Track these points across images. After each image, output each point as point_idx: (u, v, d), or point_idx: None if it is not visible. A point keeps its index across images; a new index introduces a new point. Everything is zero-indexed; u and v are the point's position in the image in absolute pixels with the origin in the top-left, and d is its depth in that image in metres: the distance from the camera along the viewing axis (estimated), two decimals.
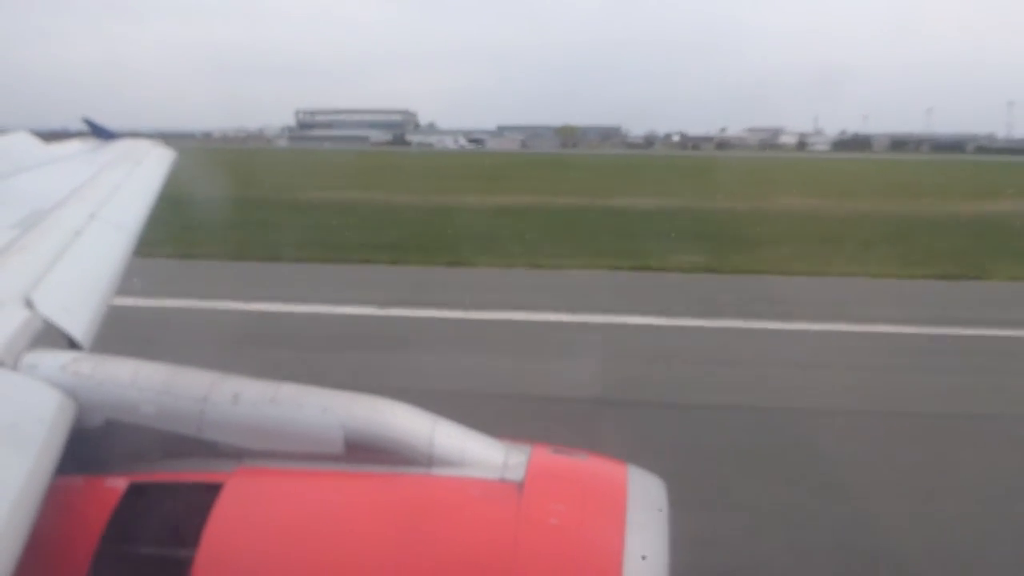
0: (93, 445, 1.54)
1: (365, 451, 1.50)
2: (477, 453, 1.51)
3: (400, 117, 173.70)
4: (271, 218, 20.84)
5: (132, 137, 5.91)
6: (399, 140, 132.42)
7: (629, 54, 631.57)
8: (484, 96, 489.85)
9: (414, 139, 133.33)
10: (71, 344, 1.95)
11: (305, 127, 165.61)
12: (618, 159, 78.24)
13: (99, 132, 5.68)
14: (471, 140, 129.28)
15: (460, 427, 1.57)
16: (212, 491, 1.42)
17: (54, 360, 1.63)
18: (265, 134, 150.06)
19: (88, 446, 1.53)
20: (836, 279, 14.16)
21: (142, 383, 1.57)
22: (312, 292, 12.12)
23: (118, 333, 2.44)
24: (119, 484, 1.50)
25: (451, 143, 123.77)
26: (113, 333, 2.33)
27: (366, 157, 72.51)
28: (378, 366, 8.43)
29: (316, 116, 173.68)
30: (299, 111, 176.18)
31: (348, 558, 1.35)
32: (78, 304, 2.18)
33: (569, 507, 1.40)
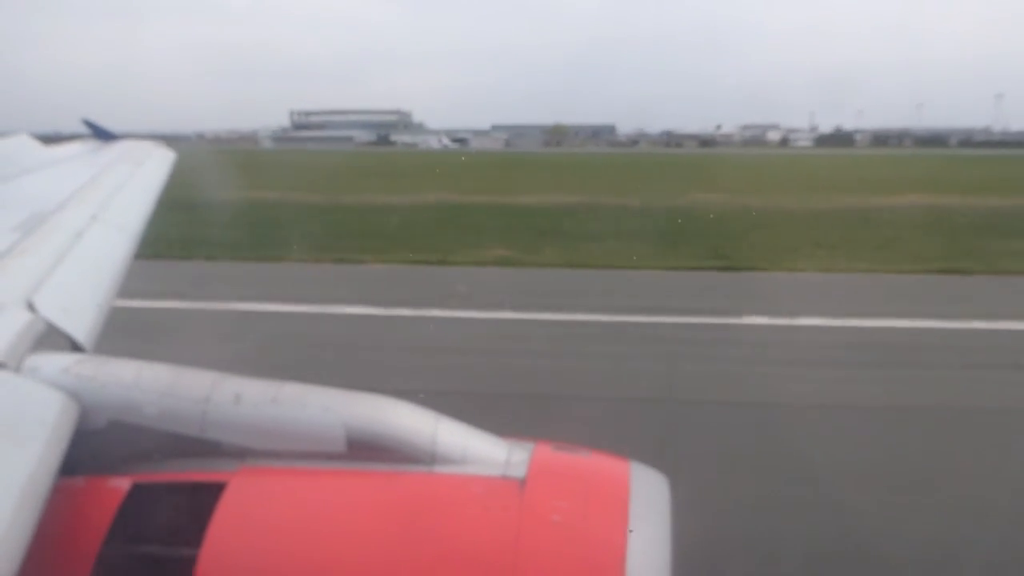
0: (96, 446, 1.53)
1: (367, 450, 1.49)
2: (479, 451, 1.51)
3: (394, 117, 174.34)
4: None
5: (131, 138, 5.85)
6: (383, 140, 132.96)
7: (628, 52, 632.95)
8: (483, 95, 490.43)
9: (400, 139, 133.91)
10: (73, 346, 1.94)
11: (300, 128, 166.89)
12: (584, 158, 78.10)
13: (99, 133, 5.62)
14: (454, 140, 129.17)
15: (462, 425, 1.56)
16: (215, 491, 1.42)
17: (57, 362, 1.62)
18: (259, 136, 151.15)
19: (91, 447, 1.52)
20: (595, 271, 14.22)
21: (145, 384, 1.56)
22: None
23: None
24: (122, 485, 1.49)
25: (435, 143, 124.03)
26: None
27: (329, 157, 70.86)
28: None
29: (310, 117, 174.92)
30: (293, 112, 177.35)
31: (351, 556, 1.34)
32: (80, 306, 2.17)
33: (571, 504, 1.39)
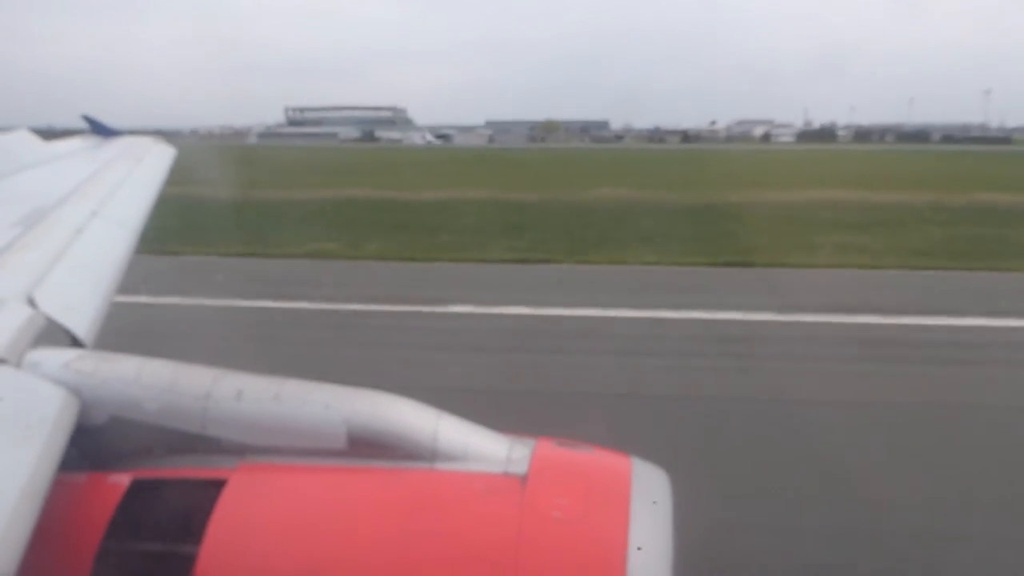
0: (97, 442, 1.53)
1: (368, 446, 1.48)
2: (480, 447, 1.50)
3: (390, 114, 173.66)
4: None
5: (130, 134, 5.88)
6: (368, 137, 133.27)
7: (627, 47, 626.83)
8: (483, 91, 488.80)
9: (385, 135, 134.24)
10: (74, 342, 1.92)
11: (295, 124, 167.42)
12: (552, 153, 77.41)
13: (99, 129, 5.62)
14: (438, 136, 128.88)
15: (463, 421, 1.56)
16: (216, 487, 1.41)
17: (57, 358, 1.61)
18: (254, 131, 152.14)
19: (92, 443, 1.52)
20: (382, 263, 14.68)
21: (145, 380, 1.55)
22: None
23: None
24: (123, 480, 1.48)
25: (418, 139, 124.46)
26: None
27: (298, 153, 71.01)
28: None
29: (305, 113, 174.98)
30: (288, 108, 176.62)
31: (352, 553, 1.33)
32: (81, 302, 2.15)
33: (573, 500, 1.38)
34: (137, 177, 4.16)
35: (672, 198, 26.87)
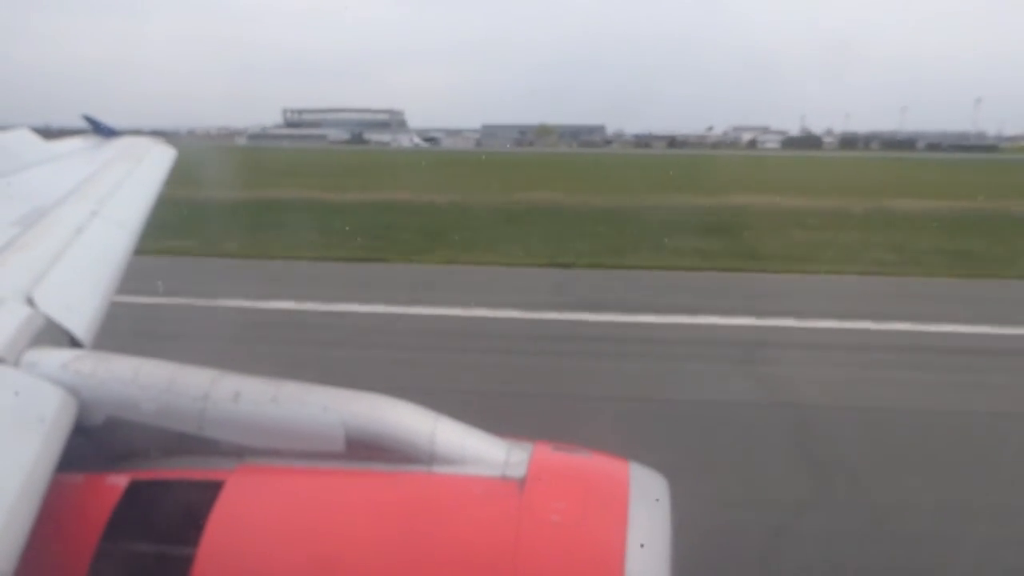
0: (94, 443, 1.52)
1: (366, 449, 1.47)
2: (478, 451, 1.49)
3: (387, 116, 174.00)
4: None
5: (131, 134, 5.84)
6: (357, 139, 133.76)
7: (628, 52, 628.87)
8: (482, 94, 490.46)
9: (374, 138, 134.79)
10: (72, 342, 1.90)
11: (292, 125, 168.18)
12: (529, 157, 77.53)
13: (99, 129, 5.58)
14: (426, 139, 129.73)
15: (461, 425, 1.54)
16: (213, 489, 1.40)
17: (55, 358, 1.60)
18: (249, 132, 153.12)
19: (89, 444, 1.50)
20: (243, 260, 14.94)
21: (143, 381, 1.54)
22: None
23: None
24: (120, 482, 1.47)
25: (406, 142, 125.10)
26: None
27: (280, 155, 69.96)
28: None
29: (303, 115, 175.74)
30: (286, 109, 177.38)
31: (349, 556, 1.32)
32: (80, 302, 2.13)
33: (571, 505, 1.37)
34: (137, 178, 4.14)
35: (594, 201, 27.34)
